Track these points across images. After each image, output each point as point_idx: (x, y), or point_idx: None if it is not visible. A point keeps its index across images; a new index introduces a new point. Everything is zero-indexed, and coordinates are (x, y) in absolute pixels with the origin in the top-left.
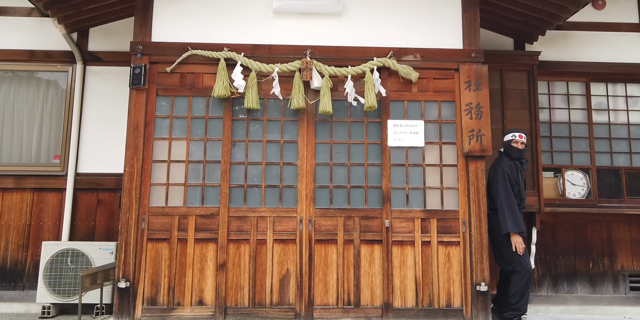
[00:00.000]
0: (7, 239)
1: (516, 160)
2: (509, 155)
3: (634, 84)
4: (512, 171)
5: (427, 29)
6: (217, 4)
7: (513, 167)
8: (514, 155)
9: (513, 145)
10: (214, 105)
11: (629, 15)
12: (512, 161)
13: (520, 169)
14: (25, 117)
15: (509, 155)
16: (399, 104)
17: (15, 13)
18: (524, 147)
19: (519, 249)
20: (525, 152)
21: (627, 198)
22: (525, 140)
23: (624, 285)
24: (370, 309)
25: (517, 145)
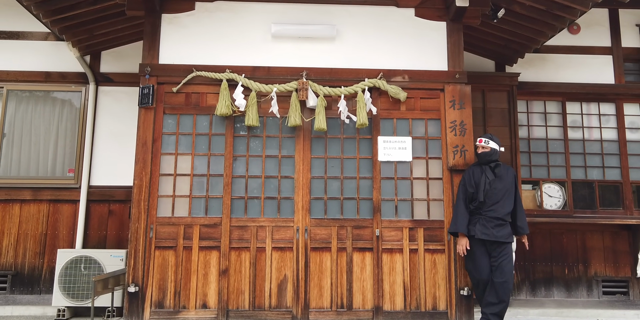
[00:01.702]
0: (25, 246)
1: (484, 164)
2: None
3: (607, 103)
4: (473, 175)
5: (414, 52)
6: (219, 29)
7: (477, 171)
8: (479, 159)
9: (476, 150)
10: (217, 123)
11: (601, 39)
12: (479, 166)
13: (492, 173)
14: (42, 133)
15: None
16: (389, 121)
17: (32, 37)
18: (482, 151)
19: (458, 251)
20: (492, 156)
21: (600, 209)
22: (485, 144)
23: (597, 289)
24: (362, 311)
25: (478, 150)
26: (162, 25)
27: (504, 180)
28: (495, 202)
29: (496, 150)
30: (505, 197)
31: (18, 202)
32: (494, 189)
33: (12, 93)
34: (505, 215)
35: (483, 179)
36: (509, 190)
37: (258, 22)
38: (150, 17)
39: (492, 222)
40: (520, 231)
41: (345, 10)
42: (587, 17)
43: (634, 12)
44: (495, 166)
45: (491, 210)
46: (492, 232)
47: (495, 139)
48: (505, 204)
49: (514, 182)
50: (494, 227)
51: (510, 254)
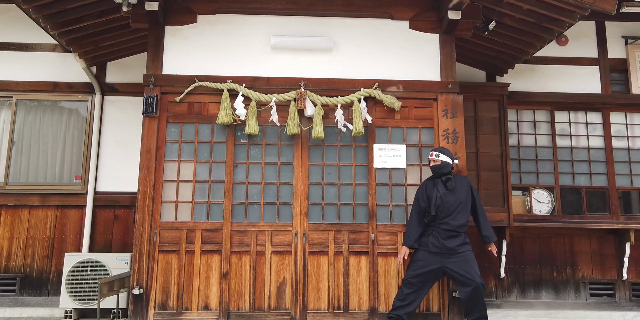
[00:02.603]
0: (34, 250)
1: (437, 177)
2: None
3: (594, 112)
4: (426, 189)
5: (408, 63)
6: (221, 41)
7: (430, 185)
8: (432, 172)
9: (429, 164)
10: (218, 131)
11: (589, 50)
12: (433, 179)
13: (443, 187)
14: (50, 141)
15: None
16: (384, 130)
17: (40, 49)
18: (433, 164)
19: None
20: (444, 169)
21: (587, 214)
22: (435, 157)
23: (585, 292)
24: (358, 313)
25: (430, 163)
26: (165, 37)
27: (457, 192)
28: (448, 215)
29: (448, 163)
30: (458, 210)
31: (27, 207)
32: (445, 203)
33: (21, 102)
34: (458, 227)
35: (435, 192)
36: (463, 202)
37: (258, 34)
38: (154, 29)
39: (445, 234)
40: (487, 240)
41: (342, 22)
42: (575, 29)
43: (620, 25)
44: (446, 179)
45: (444, 222)
46: (444, 244)
47: (446, 152)
48: (458, 216)
49: (469, 194)
50: (445, 239)
51: (472, 260)
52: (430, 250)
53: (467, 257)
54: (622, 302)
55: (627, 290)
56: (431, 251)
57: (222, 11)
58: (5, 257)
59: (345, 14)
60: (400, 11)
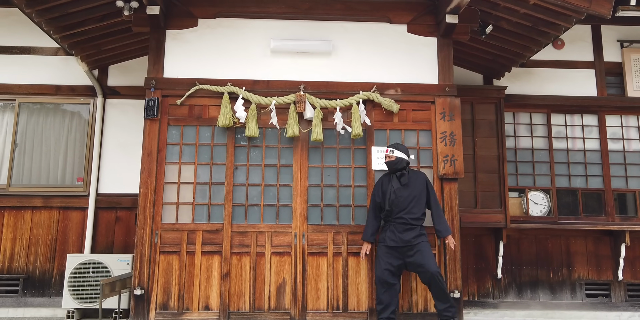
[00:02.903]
0: (36, 251)
1: (392, 173)
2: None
3: (589, 114)
4: (382, 184)
5: (406, 66)
6: (221, 44)
7: (386, 181)
8: (387, 168)
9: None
10: (219, 134)
11: (585, 54)
12: (389, 175)
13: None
14: (52, 144)
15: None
16: (382, 132)
17: (43, 52)
18: (388, 160)
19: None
20: (398, 165)
21: (583, 215)
22: (390, 153)
23: (581, 292)
24: (357, 313)
25: (385, 159)
26: (166, 41)
27: (411, 187)
28: (402, 209)
29: (402, 159)
30: (412, 204)
31: (29, 209)
32: (399, 197)
33: (24, 105)
34: (413, 221)
35: (389, 188)
36: (418, 197)
37: (258, 38)
38: (155, 33)
39: (401, 227)
40: (439, 234)
41: (340, 26)
42: (571, 33)
43: (615, 28)
44: (400, 175)
45: (399, 217)
46: (400, 237)
47: (401, 148)
48: (412, 210)
49: (425, 188)
50: (401, 232)
51: (427, 251)
52: (389, 245)
53: (422, 248)
54: (618, 303)
55: (623, 291)
56: (389, 246)
57: (222, 15)
58: (8, 258)
59: (344, 18)
60: (399, 15)
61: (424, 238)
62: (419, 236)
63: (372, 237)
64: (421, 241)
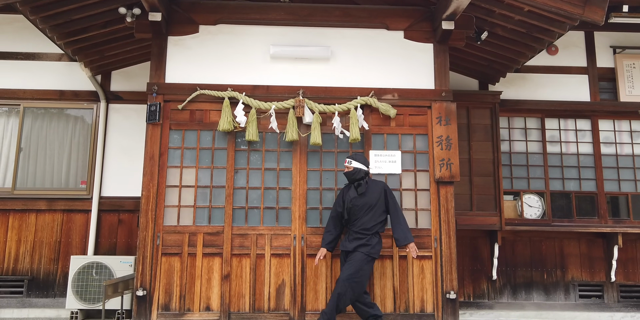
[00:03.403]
0: (41, 253)
1: (351, 183)
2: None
3: (583, 119)
4: (343, 194)
5: (403, 72)
6: (221, 50)
7: (346, 190)
8: (346, 178)
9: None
10: (219, 138)
11: (578, 59)
12: (350, 184)
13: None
14: (56, 148)
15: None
16: (380, 136)
17: (47, 58)
18: (346, 171)
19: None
20: (356, 175)
21: (576, 218)
22: (348, 164)
23: (574, 293)
24: (355, 314)
25: (344, 170)
26: (168, 47)
27: (368, 196)
28: (357, 218)
29: (360, 169)
30: (367, 213)
31: (34, 211)
32: (355, 206)
33: (29, 110)
34: (364, 230)
35: (347, 197)
36: (374, 206)
37: (258, 44)
38: (157, 39)
39: (353, 235)
40: (397, 243)
41: (338, 32)
42: (565, 39)
43: (608, 35)
44: (357, 185)
45: (353, 225)
46: (347, 245)
47: (359, 159)
48: (365, 219)
49: (383, 197)
50: (352, 240)
51: (356, 262)
52: (342, 250)
53: (354, 257)
54: (611, 303)
55: (615, 292)
56: (344, 251)
57: (223, 22)
58: (13, 260)
59: (342, 24)
60: (396, 22)
61: (365, 249)
62: (362, 246)
63: (329, 245)
64: (358, 251)
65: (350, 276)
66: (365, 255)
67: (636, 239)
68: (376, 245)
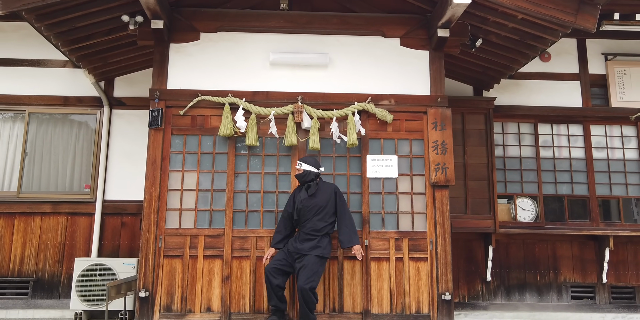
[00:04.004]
0: (45, 255)
1: (302, 185)
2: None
3: (575, 124)
4: (294, 195)
5: (400, 78)
6: (222, 57)
7: (297, 192)
8: (297, 180)
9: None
10: (220, 143)
11: (570, 66)
12: (301, 186)
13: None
14: (61, 152)
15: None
16: (376, 141)
17: (52, 65)
18: (297, 173)
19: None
20: (306, 177)
21: (569, 221)
22: (298, 167)
23: (567, 294)
24: (352, 315)
25: (295, 172)
26: (170, 54)
27: (318, 198)
28: (307, 219)
29: (310, 172)
30: (317, 214)
31: (39, 214)
32: (305, 208)
33: (34, 116)
34: (314, 231)
35: (298, 198)
36: (324, 208)
37: (257, 51)
38: (159, 46)
39: (303, 236)
40: (341, 245)
41: (336, 40)
42: (557, 46)
43: (600, 42)
44: (307, 186)
45: (303, 226)
46: (297, 246)
47: (309, 162)
48: (314, 220)
49: (333, 199)
50: (302, 241)
51: (310, 264)
52: (288, 249)
53: (308, 261)
54: (602, 305)
55: (607, 293)
56: (288, 250)
57: (223, 29)
58: (18, 262)
59: (340, 32)
60: (392, 29)
61: (317, 251)
62: (314, 248)
63: (277, 245)
64: (312, 254)
65: (308, 280)
66: (319, 257)
67: (627, 242)
68: (327, 246)
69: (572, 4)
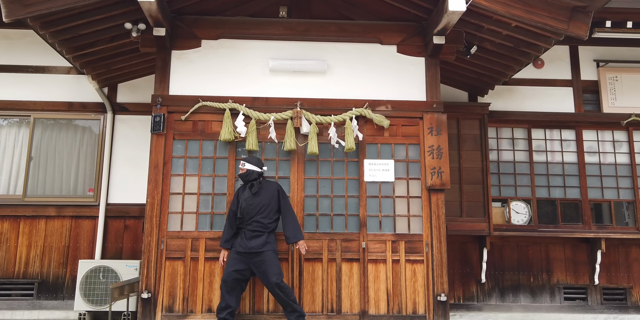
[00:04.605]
0: (50, 257)
1: (245, 184)
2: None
3: (567, 129)
4: (238, 194)
5: (396, 84)
6: (223, 64)
7: (241, 191)
8: (241, 180)
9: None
10: (221, 147)
11: (563, 73)
12: (245, 185)
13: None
14: (65, 157)
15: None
16: (374, 146)
17: (56, 71)
18: (240, 172)
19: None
20: (249, 177)
21: (561, 224)
22: (242, 166)
23: (559, 296)
24: (350, 315)
25: (239, 172)
26: (171, 61)
27: (262, 196)
28: (252, 217)
29: (253, 171)
30: (261, 212)
31: (44, 218)
32: (249, 206)
33: (39, 121)
34: (261, 227)
35: (242, 197)
36: (267, 205)
37: (257, 58)
38: (161, 53)
39: (249, 234)
40: (287, 240)
41: (334, 47)
42: (550, 53)
43: (591, 49)
44: (250, 185)
45: (248, 224)
46: (246, 244)
47: (252, 161)
48: (259, 218)
49: (276, 197)
50: (249, 239)
51: (270, 260)
52: (237, 251)
53: (266, 258)
54: (594, 306)
55: (599, 295)
56: (238, 251)
57: (224, 36)
58: (24, 264)
59: (338, 39)
60: (389, 36)
61: (270, 247)
62: (265, 244)
63: (227, 244)
64: (267, 250)
65: (274, 274)
66: (273, 252)
67: (618, 244)
68: (275, 242)
69: (565, 12)
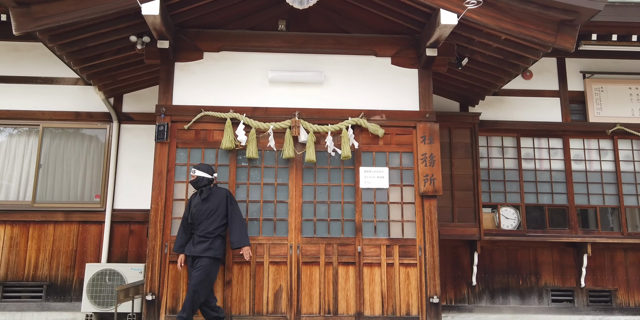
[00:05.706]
0: (58, 261)
1: (196, 190)
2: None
3: (555, 138)
4: (191, 200)
5: (391, 95)
6: (224, 75)
7: (193, 197)
8: (192, 186)
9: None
10: (222, 155)
11: (551, 84)
12: (196, 192)
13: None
14: (73, 164)
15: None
16: (369, 154)
17: (64, 82)
18: (191, 179)
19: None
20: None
21: (549, 229)
22: (192, 173)
23: (547, 298)
24: (346, 317)
25: (190, 179)
26: (175, 72)
27: (211, 202)
28: (200, 222)
29: (203, 177)
30: (209, 217)
31: (52, 223)
32: (199, 211)
33: (47, 130)
34: (207, 233)
35: (193, 203)
36: (215, 211)
37: (257, 69)
38: (165, 65)
39: (197, 239)
40: (232, 245)
41: (331, 59)
42: (538, 65)
43: (578, 61)
44: (201, 191)
45: (197, 229)
46: (192, 248)
47: (202, 168)
48: (207, 223)
49: (224, 203)
50: (196, 244)
51: (205, 266)
52: (186, 254)
53: (204, 263)
54: (580, 307)
55: (585, 297)
56: (187, 255)
57: (225, 49)
58: (33, 267)
59: (334, 51)
60: (383, 49)
61: (211, 253)
62: (207, 250)
63: (181, 249)
64: (207, 256)
65: (200, 281)
66: (212, 258)
67: (604, 248)
68: (219, 248)
69: (553, 26)
